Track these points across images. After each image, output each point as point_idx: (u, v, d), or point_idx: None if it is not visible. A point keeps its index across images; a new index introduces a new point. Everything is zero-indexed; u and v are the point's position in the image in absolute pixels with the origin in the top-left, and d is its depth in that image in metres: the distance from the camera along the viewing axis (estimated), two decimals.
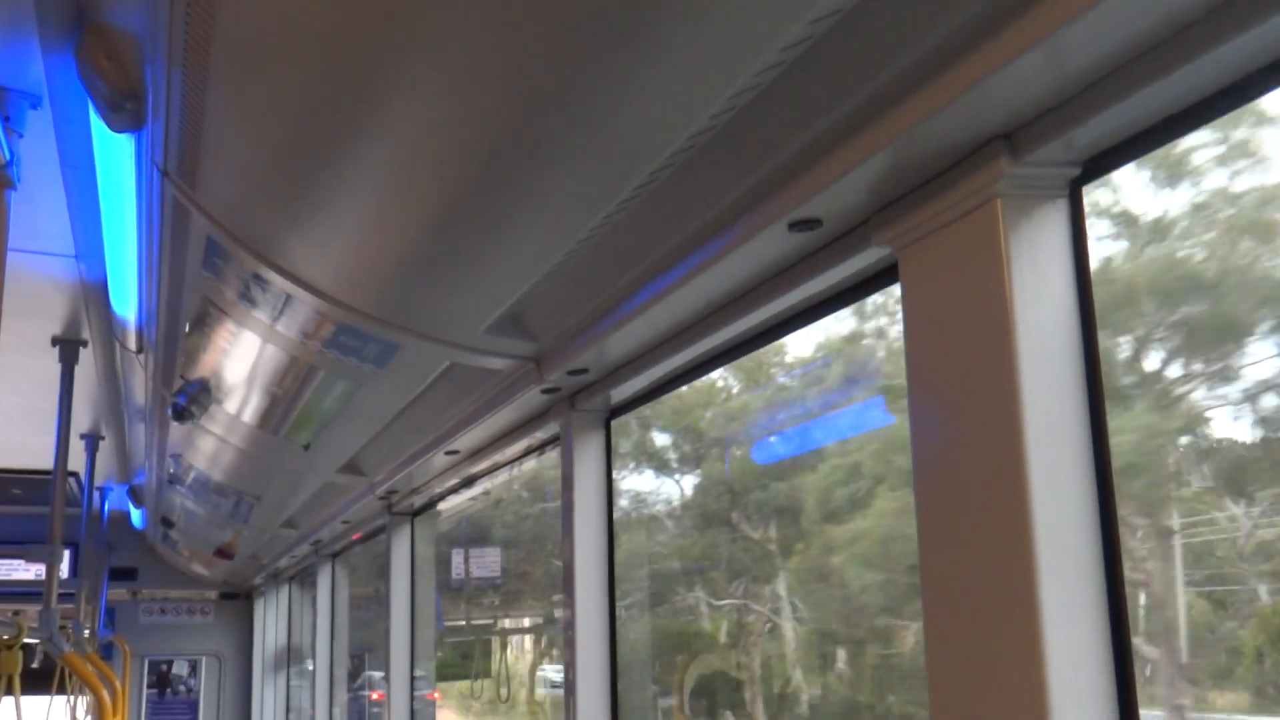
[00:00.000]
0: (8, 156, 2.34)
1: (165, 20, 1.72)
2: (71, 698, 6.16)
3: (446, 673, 10.24)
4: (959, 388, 1.37)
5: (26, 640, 4.29)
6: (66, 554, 7.30)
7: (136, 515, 8.78)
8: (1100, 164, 1.31)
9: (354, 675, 8.64)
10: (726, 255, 1.67)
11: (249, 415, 3.59)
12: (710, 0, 1.20)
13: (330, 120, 1.70)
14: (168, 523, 7.26)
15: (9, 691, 4.12)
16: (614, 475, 2.71)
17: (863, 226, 1.54)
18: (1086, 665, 1.25)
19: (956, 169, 1.35)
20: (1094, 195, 1.38)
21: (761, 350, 2.11)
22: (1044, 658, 1.22)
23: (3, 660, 4.09)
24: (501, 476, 4.04)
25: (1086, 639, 1.26)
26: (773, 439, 6.57)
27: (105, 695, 4.40)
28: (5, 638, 4.13)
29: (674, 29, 1.26)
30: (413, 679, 4.84)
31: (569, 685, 2.63)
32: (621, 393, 2.54)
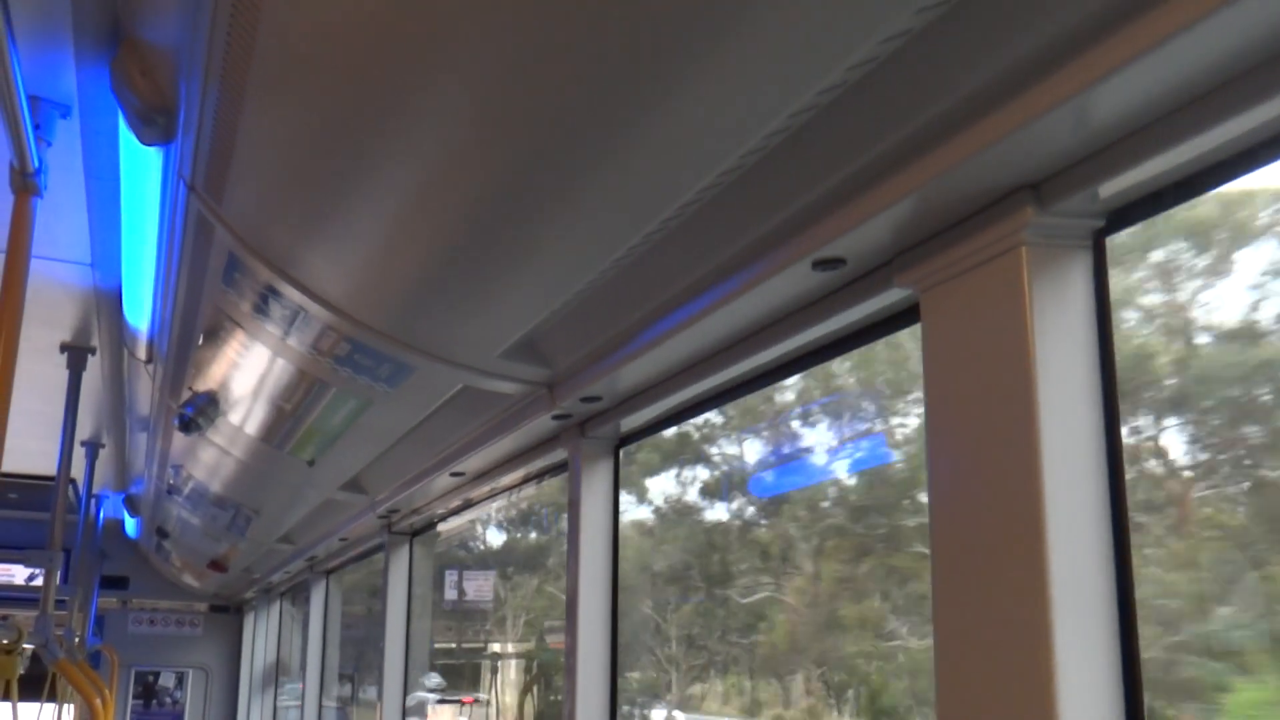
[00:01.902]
0: (36, 164, 2.36)
1: (205, 38, 1.75)
2: (59, 705, 6.12)
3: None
4: (977, 430, 1.38)
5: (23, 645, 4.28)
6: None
7: (131, 524, 8.75)
8: (1125, 216, 1.33)
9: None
10: (748, 291, 1.69)
11: (254, 429, 3.59)
12: (748, 42, 1.22)
13: (359, 140, 1.72)
14: (162, 533, 7.23)
15: (6, 696, 4.10)
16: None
17: (885, 267, 1.56)
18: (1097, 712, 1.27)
19: (982, 215, 1.37)
20: None
21: None
22: (1056, 706, 1.23)
23: (1, 665, 4.07)
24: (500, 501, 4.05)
25: (1099, 678, 1.27)
26: None
27: (98, 703, 4.39)
28: (5, 642, 4.12)
29: (710, 67, 1.28)
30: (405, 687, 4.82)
31: (569, 715, 2.62)
32: (632, 421, 2.55)
